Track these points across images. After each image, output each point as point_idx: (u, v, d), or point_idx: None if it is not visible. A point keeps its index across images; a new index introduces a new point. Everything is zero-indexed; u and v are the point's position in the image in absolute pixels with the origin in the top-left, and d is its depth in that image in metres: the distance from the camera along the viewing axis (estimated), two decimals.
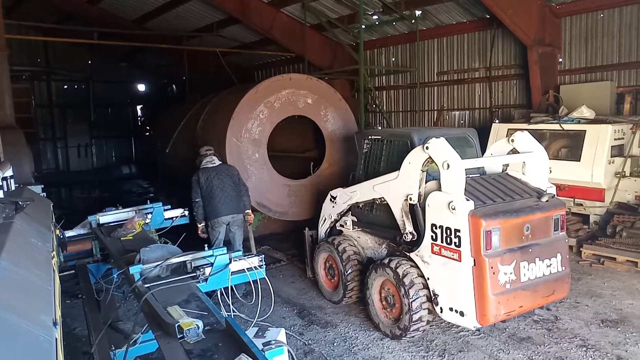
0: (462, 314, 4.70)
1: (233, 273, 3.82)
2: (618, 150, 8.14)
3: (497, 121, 10.52)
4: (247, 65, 18.38)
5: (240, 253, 4.05)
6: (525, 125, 8.90)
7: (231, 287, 3.84)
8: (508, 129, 9.12)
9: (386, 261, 5.30)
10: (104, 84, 21.99)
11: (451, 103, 12.56)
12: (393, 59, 13.86)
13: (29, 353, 1.55)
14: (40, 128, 19.91)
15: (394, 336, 5.25)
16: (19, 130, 8.53)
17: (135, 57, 20.98)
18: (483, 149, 6.25)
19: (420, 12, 11.76)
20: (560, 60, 10.16)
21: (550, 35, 9.87)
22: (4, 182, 3.92)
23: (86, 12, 16.09)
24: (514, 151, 5.45)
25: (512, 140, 5.40)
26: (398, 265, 5.14)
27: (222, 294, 4.05)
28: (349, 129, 9.45)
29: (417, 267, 5.10)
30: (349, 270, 6.08)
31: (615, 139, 8.04)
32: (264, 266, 4.00)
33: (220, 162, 6.96)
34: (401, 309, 5.14)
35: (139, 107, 24.02)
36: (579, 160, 8.11)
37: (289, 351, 2.83)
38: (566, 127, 8.41)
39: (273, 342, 2.79)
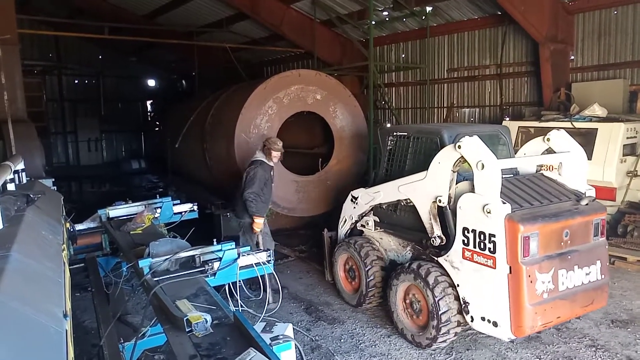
0: (495, 324, 4.44)
1: (241, 268, 3.83)
2: (630, 149, 8.05)
3: (507, 119, 10.43)
4: (257, 61, 18.39)
5: (249, 248, 4.07)
6: (536, 123, 8.83)
7: (239, 281, 3.86)
8: (519, 127, 9.04)
9: (423, 274, 4.90)
10: (114, 79, 22.14)
11: (461, 100, 12.47)
12: (403, 56, 13.79)
13: (40, 344, 1.57)
14: (51, 122, 20.06)
15: (417, 344, 5.06)
16: (30, 124, 8.61)
17: (145, 53, 21.07)
18: None
19: (430, 8, 11.68)
20: (573, 57, 10.04)
21: (562, 32, 9.76)
22: (16, 175, 3.96)
23: (97, 7, 16.19)
24: (549, 151, 5.21)
25: (548, 139, 5.16)
26: (436, 284, 4.78)
27: (230, 288, 4.06)
28: (358, 125, 9.42)
29: (446, 274, 4.85)
30: (371, 273, 5.80)
31: (627, 138, 7.94)
32: (273, 261, 4.02)
33: (255, 158, 6.53)
34: (428, 320, 4.91)
35: (148, 102, 24.14)
36: (590, 159, 7.97)
37: (296, 346, 2.84)
38: (578, 125, 8.32)
39: (281, 337, 2.80)
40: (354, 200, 6.32)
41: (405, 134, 5.80)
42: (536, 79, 10.54)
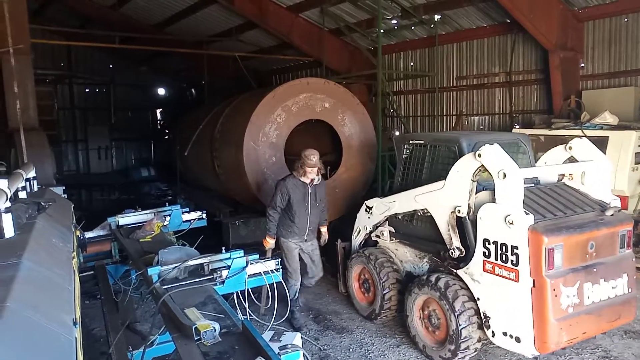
0: (517, 339, 4.31)
1: (249, 276, 3.83)
2: None
3: (517, 127, 10.37)
4: (266, 69, 18.49)
5: (257, 256, 4.07)
6: (546, 131, 8.77)
7: (249, 290, 3.85)
8: (529, 135, 8.98)
9: (450, 296, 4.72)
10: (124, 87, 22.34)
11: (470, 108, 12.43)
12: (412, 64, 13.79)
13: (50, 351, 1.57)
14: (62, 130, 20.26)
15: (427, 356, 5.00)
16: (42, 133, 8.70)
17: (155, 62, 21.27)
18: None
19: (439, 16, 11.67)
20: (583, 65, 9.98)
21: (572, 39, 9.71)
22: (27, 183, 4.00)
23: (107, 17, 16.40)
24: (571, 159, 5.10)
25: (570, 148, 5.06)
26: (462, 310, 4.64)
27: (238, 297, 4.05)
28: (367, 133, 9.41)
29: (466, 287, 4.74)
30: (388, 297, 5.68)
31: (639, 146, 7.86)
32: (281, 270, 4.01)
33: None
34: (445, 339, 4.83)
35: (158, 111, 24.33)
36: None
37: (304, 355, 2.82)
38: (588, 133, 8.23)
39: (289, 346, 2.79)
40: (368, 210, 6.20)
41: (422, 142, 5.66)
42: (546, 87, 10.48)
